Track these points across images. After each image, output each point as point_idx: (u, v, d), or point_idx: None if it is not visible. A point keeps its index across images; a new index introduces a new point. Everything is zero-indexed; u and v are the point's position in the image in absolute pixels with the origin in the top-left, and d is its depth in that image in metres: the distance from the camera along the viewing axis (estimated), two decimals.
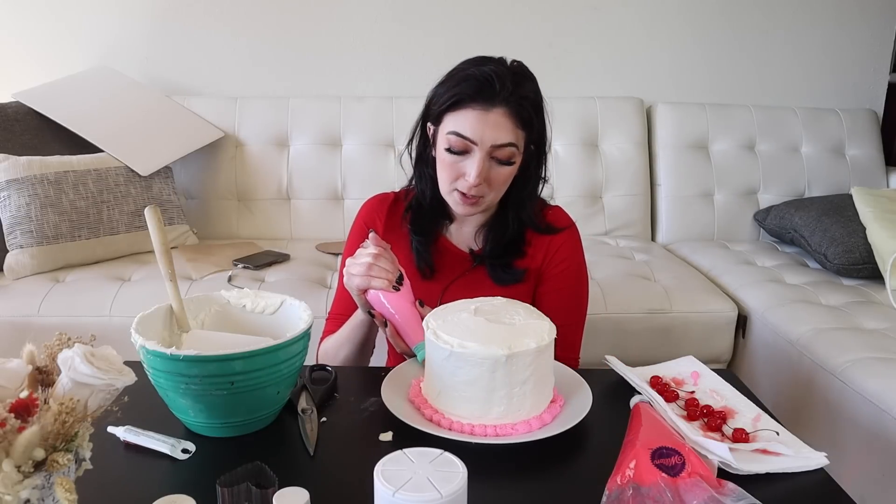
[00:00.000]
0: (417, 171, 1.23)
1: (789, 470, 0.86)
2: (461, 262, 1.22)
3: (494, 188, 1.13)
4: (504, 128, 1.07)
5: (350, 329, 1.16)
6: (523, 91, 1.08)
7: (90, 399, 0.66)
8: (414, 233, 1.22)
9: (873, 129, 2.57)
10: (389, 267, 1.04)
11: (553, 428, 0.91)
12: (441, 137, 1.12)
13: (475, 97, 1.07)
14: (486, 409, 0.90)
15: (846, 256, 2.00)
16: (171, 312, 1.00)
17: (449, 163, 1.11)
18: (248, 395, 0.88)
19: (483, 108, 1.07)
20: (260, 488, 0.69)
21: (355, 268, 1.04)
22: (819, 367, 1.60)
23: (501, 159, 1.10)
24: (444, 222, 1.25)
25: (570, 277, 1.23)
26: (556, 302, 1.21)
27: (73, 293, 1.79)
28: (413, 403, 0.97)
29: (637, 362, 1.14)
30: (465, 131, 1.08)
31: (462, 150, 1.09)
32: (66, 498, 0.61)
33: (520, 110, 1.08)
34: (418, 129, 1.20)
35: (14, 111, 2.08)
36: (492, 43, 2.47)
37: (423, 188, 1.22)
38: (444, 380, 0.92)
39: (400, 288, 1.04)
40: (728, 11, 2.58)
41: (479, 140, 1.07)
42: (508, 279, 1.20)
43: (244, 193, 2.35)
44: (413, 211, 1.24)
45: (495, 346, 0.88)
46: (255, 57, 2.49)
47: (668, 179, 2.47)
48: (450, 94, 1.09)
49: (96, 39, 2.43)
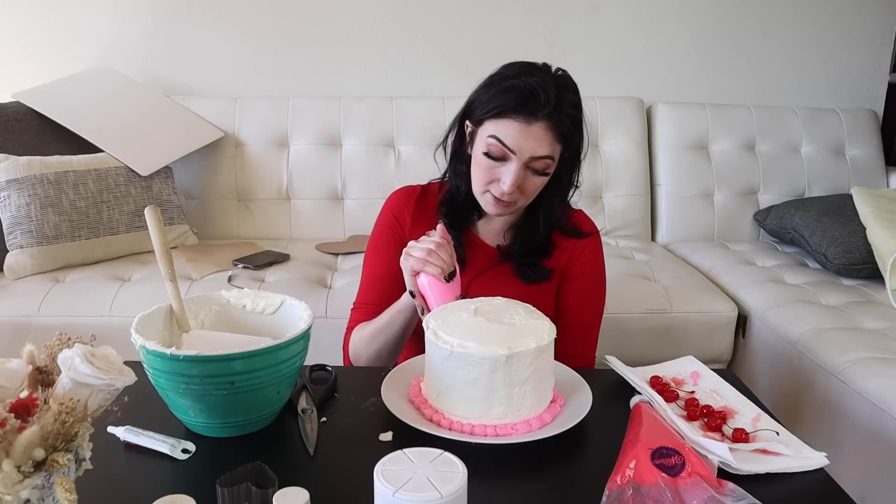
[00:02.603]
0: (452, 166, 1.25)
1: (789, 470, 0.86)
2: (488, 257, 1.25)
3: (527, 195, 1.15)
4: (544, 141, 1.09)
5: (390, 316, 1.16)
6: (565, 106, 1.10)
7: (90, 399, 0.66)
8: (448, 227, 1.23)
9: (873, 129, 2.57)
10: (447, 258, 1.06)
11: (553, 428, 0.91)
12: (480, 139, 1.13)
13: (518, 110, 1.08)
14: (486, 409, 0.91)
15: (846, 256, 2.00)
16: (171, 312, 1.00)
17: (485, 166, 1.13)
18: (248, 395, 0.88)
19: (525, 121, 1.08)
20: (260, 488, 0.69)
21: (416, 251, 1.07)
22: (819, 367, 1.60)
23: (537, 170, 1.12)
24: (473, 216, 1.27)
25: (593, 279, 1.27)
26: (577, 301, 1.26)
27: (73, 293, 1.79)
28: (413, 403, 0.97)
29: (637, 362, 1.14)
30: (507, 140, 1.09)
31: (500, 156, 1.11)
32: (66, 498, 0.61)
33: (560, 126, 1.10)
34: (456, 126, 1.21)
35: (14, 111, 2.08)
36: (492, 43, 2.48)
37: (459, 184, 1.24)
38: (445, 380, 0.92)
39: (450, 281, 1.06)
40: (728, 11, 2.58)
41: (519, 150, 1.09)
42: (535, 277, 1.23)
43: (244, 193, 2.35)
44: (447, 205, 1.26)
45: (495, 346, 0.89)
46: (255, 57, 2.49)
47: (668, 179, 2.47)
48: (494, 104, 1.10)
49: (96, 39, 2.43)
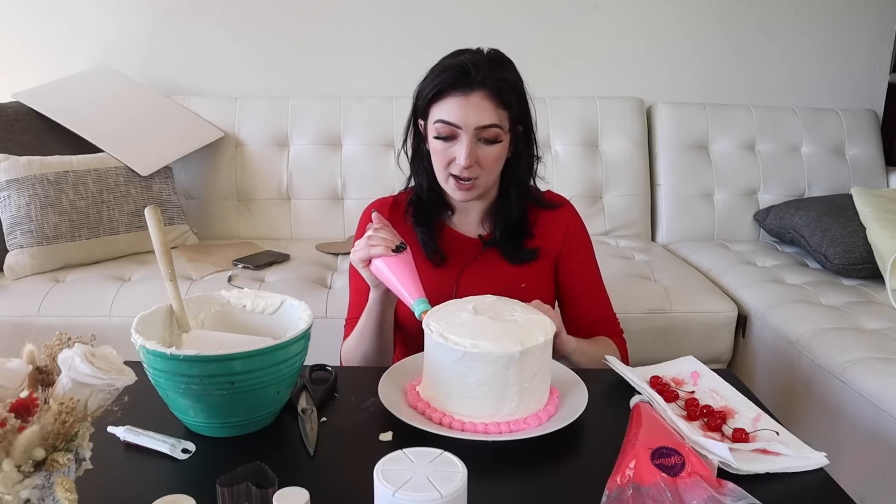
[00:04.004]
0: (414, 166, 1.27)
1: (789, 470, 0.86)
2: (471, 249, 1.26)
3: (486, 168, 1.17)
4: (485, 109, 1.13)
5: (365, 317, 1.18)
6: (500, 73, 1.14)
7: (90, 399, 0.66)
8: (416, 224, 1.26)
9: (873, 129, 2.57)
10: (388, 236, 1.07)
11: (563, 418, 0.92)
12: (430, 128, 1.17)
13: (455, 85, 1.13)
14: (499, 407, 0.91)
15: (846, 256, 2.00)
16: (171, 312, 1.00)
17: (440, 150, 1.16)
18: (248, 395, 0.88)
19: (463, 94, 1.13)
20: (260, 488, 0.69)
21: (359, 244, 1.09)
22: (819, 367, 1.60)
23: (488, 139, 1.15)
24: (445, 213, 1.28)
25: (585, 249, 1.31)
26: (582, 273, 1.30)
27: (73, 293, 1.79)
28: (412, 403, 0.96)
29: (637, 362, 1.14)
30: (450, 117, 1.13)
31: (449, 135, 1.15)
32: (66, 498, 0.61)
33: (499, 91, 1.13)
34: (411, 128, 1.25)
35: (14, 111, 2.08)
36: (492, 42, 2.47)
37: (421, 181, 1.26)
38: (455, 382, 0.91)
39: (400, 253, 1.06)
40: (728, 11, 2.58)
41: (464, 123, 1.13)
42: (523, 258, 1.25)
43: (244, 193, 2.35)
44: (414, 205, 1.28)
45: (509, 343, 0.89)
46: (255, 57, 2.48)
47: (668, 179, 2.47)
48: (431, 87, 1.15)
49: (96, 39, 2.42)
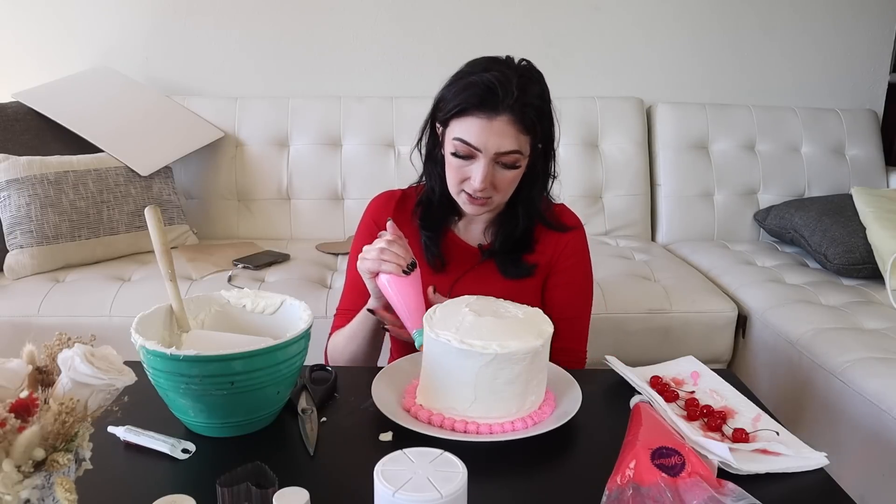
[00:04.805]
0: (427, 168, 1.24)
1: (789, 470, 0.86)
2: (470, 257, 1.25)
3: (501, 191, 1.14)
4: (508, 135, 1.08)
5: (357, 323, 1.17)
6: (527, 97, 1.08)
7: (90, 399, 0.66)
8: (423, 228, 1.24)
9: (873, 129, 2.57)
10: (401, 253, 1.05)
11: (561, 417, 0.93)
12: (448, 141, 1.13)
13: (479, 105, 1.07)
14: (522, 402, 0.92)
15: (846, 256, 2.00)
16: (171, 312, 1.00)
17: (455, 166, 1.13)
18: (248, 395, 0.88)
19: (487, 117, 1.07)
20: (260, 488, 0.69)
21: (370, 252, 1.06)
22: (819, 367, 1.60)
23: (507, 164, 1.11)
24: (452, 218, 1.27)
25: (578, 273, 1.26)
26: (564, 295, 1.25)
27: (73, 293, 1.79)
28: (410, 402, 0.96)
29: (637, 362, 1.14)
30: (470, 138, 1.09)
31: (467, 155, 1.10)
32: (66, 498, 0.61)
33: (523, 117, 1.08)
34: (427, 128, 1.21)
35: (14, 111, 2.08)
36: (492, 42, 2.47)
37: (433, 185, 1.24)
38: (482, 386, 0.90)
39: (409, 273, 1.05)
40: (728, 11, 2.58)
41: (484, 148, 1.08)
42: (518, 273, 1.22)
43: (244, 193, 2.35)
44: (423, 206, 1.26)
45: (531, 337, 0.90)
46: (255, 57, 2.48)
47: (668, 179, 2.47)
48: (455, 102, 1.10)
49: (96, 39, 2.42)
